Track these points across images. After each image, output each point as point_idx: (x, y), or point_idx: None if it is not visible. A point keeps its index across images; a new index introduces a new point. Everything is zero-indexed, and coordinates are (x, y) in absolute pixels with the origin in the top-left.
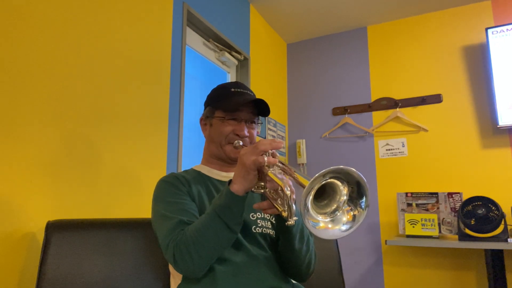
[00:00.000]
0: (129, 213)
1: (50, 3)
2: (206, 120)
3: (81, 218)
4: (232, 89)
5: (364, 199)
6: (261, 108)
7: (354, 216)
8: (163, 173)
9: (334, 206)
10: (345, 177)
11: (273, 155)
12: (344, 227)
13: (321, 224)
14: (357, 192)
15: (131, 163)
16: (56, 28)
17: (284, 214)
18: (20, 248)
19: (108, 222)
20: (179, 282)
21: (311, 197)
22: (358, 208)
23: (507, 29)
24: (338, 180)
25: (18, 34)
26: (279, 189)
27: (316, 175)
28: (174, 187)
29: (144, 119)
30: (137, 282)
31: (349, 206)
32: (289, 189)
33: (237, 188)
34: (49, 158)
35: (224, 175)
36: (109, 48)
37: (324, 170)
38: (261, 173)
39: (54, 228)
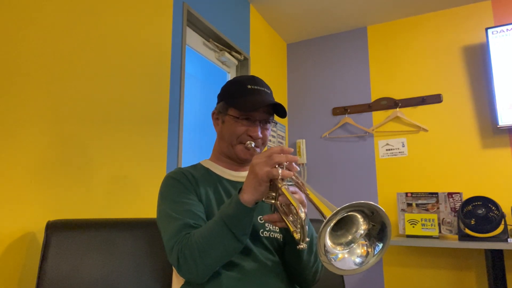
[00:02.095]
0: (130, 213)
1: (48, 4)
2: (218, 115)
3: (81, 218)
4: (249, 86)
5: (381, 246)
6: (276, 108)
7: (367, 252)
8: (163, 173)
9: (350, 238)
10: (370, 211)
11: (289, 168)
12: (358, 260)
13: (340, 256)
14: (378, 232)
15: (131, 163)
16: (54, 29)
17: (296, 236)
18: (20, 248)
19: (108, 222)
20: (182, 283)
21: (329, 229)
22: (372, 248)
23: (507, 29)
24: (359, 213)
25: (15, 35)
26: (292, 206)
27: (339, 208)
28: (181, 185)
29: (144, 119)
30: (137, 282)
31: (365, 241)
32: (303, 210)
33: (247, 199)
34: (49, 158)
35: (234, 175)
36: (108, 48)
37: (348, 204)
38: (273, 183)
39: (54, 228)
